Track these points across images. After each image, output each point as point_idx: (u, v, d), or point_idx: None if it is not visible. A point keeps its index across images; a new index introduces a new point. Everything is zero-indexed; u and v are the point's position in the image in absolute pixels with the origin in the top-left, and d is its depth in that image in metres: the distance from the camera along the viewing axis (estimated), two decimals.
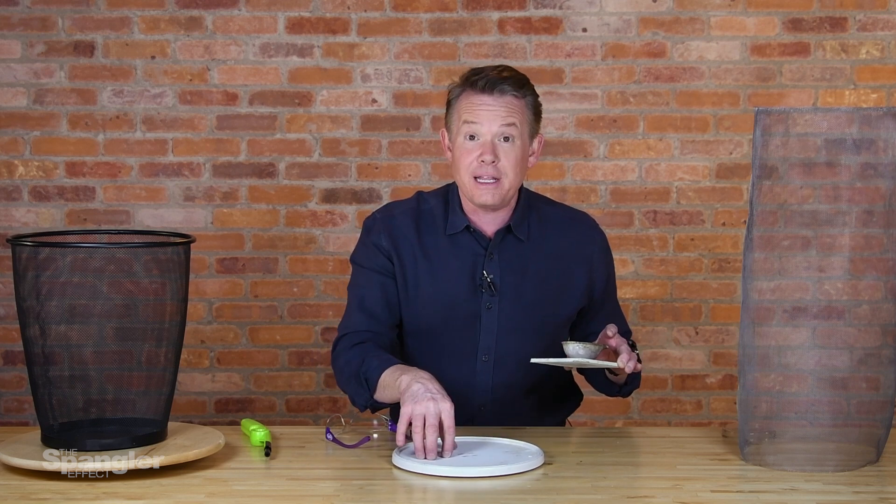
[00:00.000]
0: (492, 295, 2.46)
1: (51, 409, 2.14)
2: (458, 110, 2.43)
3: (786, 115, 2.16)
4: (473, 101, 2.40)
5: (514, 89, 2.40)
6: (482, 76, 2.41)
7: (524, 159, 2.43)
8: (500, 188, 2.41)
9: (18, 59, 3.89)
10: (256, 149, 3.93)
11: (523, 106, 2.42)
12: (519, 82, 2.42)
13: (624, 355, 2.28)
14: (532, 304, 2.47)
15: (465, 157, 2.41)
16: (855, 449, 2.20)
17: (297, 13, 3.90)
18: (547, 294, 2.49)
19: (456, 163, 2.44)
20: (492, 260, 2.47)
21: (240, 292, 3.96)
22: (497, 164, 2.39)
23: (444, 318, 2.47)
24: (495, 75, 2.40)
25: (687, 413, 3.98)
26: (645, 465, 2.24)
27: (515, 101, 2.41)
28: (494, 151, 2.39)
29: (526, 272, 2.48)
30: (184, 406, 3.92)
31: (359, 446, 2.26)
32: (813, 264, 2.22)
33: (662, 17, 3.89)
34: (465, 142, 2.41)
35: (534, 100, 2.45)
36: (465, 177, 2.42)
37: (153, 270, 2.14)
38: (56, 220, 3.92)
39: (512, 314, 2.47)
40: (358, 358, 2.39)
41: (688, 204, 3.93)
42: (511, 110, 2.40)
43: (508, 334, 2.47)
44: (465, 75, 2.44)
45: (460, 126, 2.42)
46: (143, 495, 1.99)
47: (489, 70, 2.42)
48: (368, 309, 2.47)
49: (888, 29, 3.87)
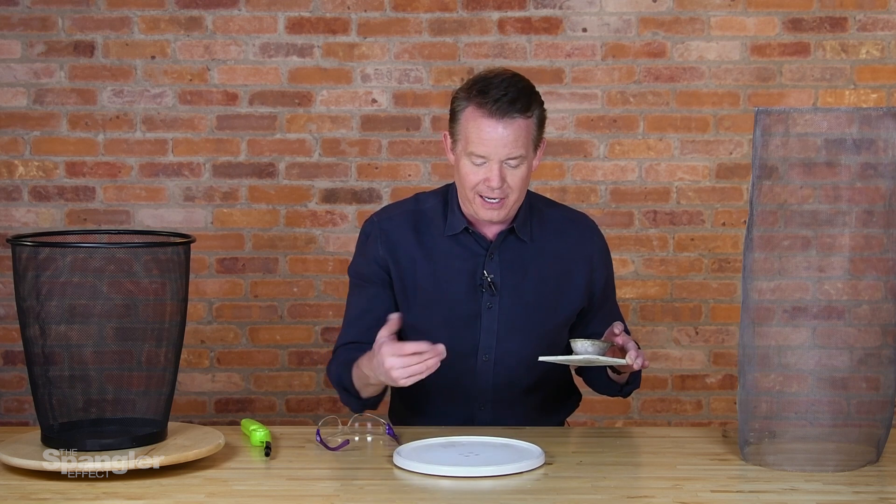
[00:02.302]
0: (492, 295, 2.46)
1: (51, 409, 2.14)
2: (464, 128, 2.36)
3: (786, 115, 2.16)
4: (481, 126, 2.32)
5: (522, 114, 2.33)
6: (489, 99, 2.31)
7: (529, 174, 2.40)
8: (505, 206, 2.39)
9: (18, 59, 3.89)
10: (256, 149, 3.93)
11: (530, 125, 2.36)
12: (527, 103, 2.34)
13: (632, 352, 2.28)
14: (532, 305, 2.48)
15: (471, 177, 2.37)
16: (855, 449, 2.20)
17: (297, 13, 3.90)
18: (547, 294, 2.49)
19: (460, 177, 2.40)
20: (492, 260, 2.47)
21: (240, 292, 3.96)
22: (503, 187, 2.36)
23: (444, 317, 2.47)
24: (504, 100, 2.31)
25: (687, 413, 3.98)
26: (645, 465, 2.24)
27: (524, 122, 2.34)
28: (501, 175, 2.34)
29: (526, 272, 2.48)
30: (184, 406, 3.92)
31: (339, 449, 2.26)
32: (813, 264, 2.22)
33: (662, 17, 3.89)
34: (471, 164, 2.36)
35: (540, 111, 2.39)
36: (470, 193, 2.39)
37: (153, 270, 2.14)
38: (56, 220, 3.92)
39: (512, 314, 2.47)
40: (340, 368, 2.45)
41: (688, 204, 3.93)
42: (519, 136, 2.33)
43: (508, 334, 2.47)
44: (471, 88, 2.36)
45: (466, 146, 2.35)
46: (143, 495, 1.99)
47: (497, 87, 2.32)
48: (362, 323, 2.49)
49: (888, 29, 3.87)
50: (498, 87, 2.33)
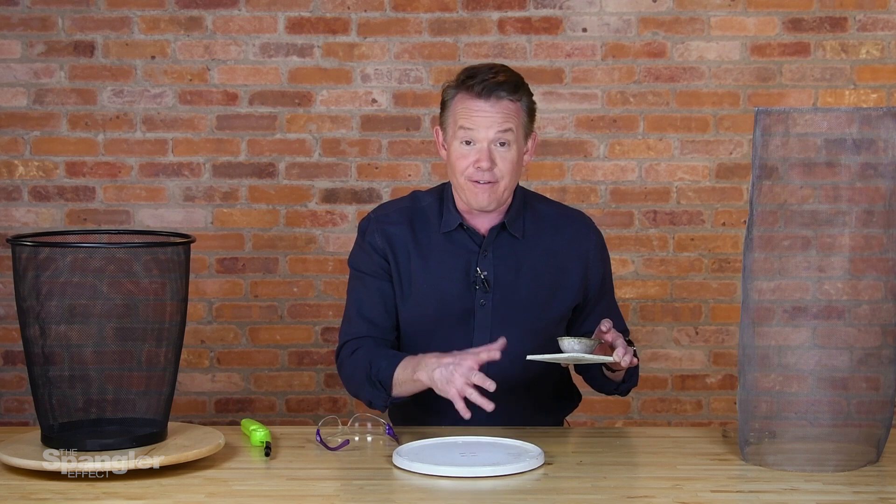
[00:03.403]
0: (485, 292, 2.47)
1: (51, 409, 2.14)
2: (453, 113, 2.43)
3: (786, 115, 2.16)
4: (469, 107, 2.39)
5: (509, 94, 2.39)
6: (477, 80, 2.39)
7: (519, 161, 2.44)
8: (495, 191, 2.42)
9: (18, 59, 3.89)
10: (256, 149, 3.93)
11: (518, 109, 2.42)
12: (514, 85, 2.41)
13: (619, 349, 2.27)
14: (526, 301, 2.48)
15: (461, 161, 2.42)
16: (855, 449, 2.20)
17: (297, 13, 3.90)
18: (541, 291, 2.49)
19: (451, 165, 2.45)
20: (486, 257, 2.48)
21: (240, 292, 3.96)
22: (493, 169, 2.40)
23: (438, 314, 2.47)
24: (491, 80, 2.39)
25: (687, 413, 3.98)
26: (645, 465, 2.24)
27: (511, 104, 2.40)
28: (490, 157, 2.39)
29: (520, 269, 2.49)
30: (184, 406, 3.92)
31: (338, 449, 2.26)
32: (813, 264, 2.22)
33: (662, 17, 3.89)
34: (461, 146, 2.41)
35: (528, 100, 2.45)
36: (461, 179, 2.43)
37: (153, 270, 2.14)
38: (56, 220, 3.92)
39: (505, 311, 2.47)
40: (365, 362, 2.42)
41: (688, 204, 3.93)
42: (507, 116, 2.39)
43: (502, 331, 2.45)
44: (459, 76, 2.43)
45: (456, 130, 2.41)
46: (143, 495, 1.99)
47: (484, 72, 2.40)
48: (367, 315, 2.50)
49: (888, 29, 3.87)
50: (485, 72, 2.41)
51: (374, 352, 2.43)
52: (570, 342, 2.27)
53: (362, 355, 2.44)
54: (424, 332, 2.50)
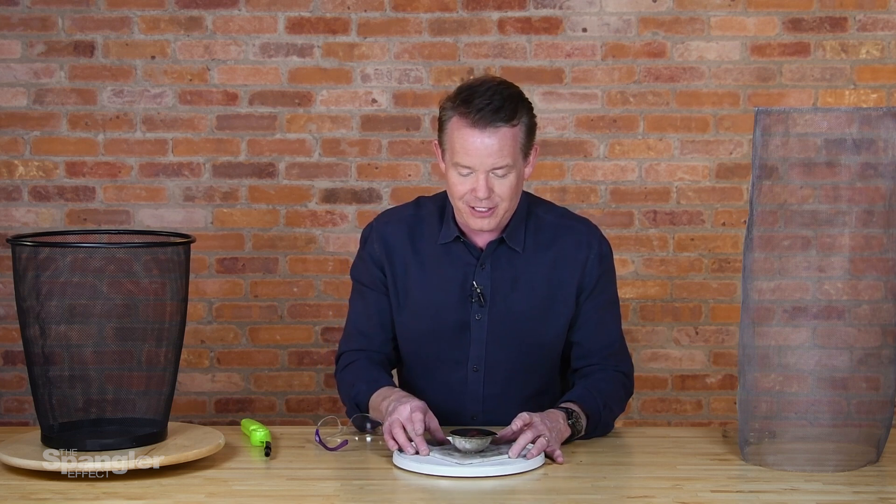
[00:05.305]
0: (481, 306, 2.43)
1: (51, 409, 2.14)
2: (450, 137, 2.33)
3: (786, 115, 2.16)
4: (466, 137, 2.29)
5: (507, 122, 2.29)
6: (473, 108, 2.27)
7: (519, 183, 2.36)
8: (495, 216, 2.36)
9: (18, 59, 3.89)
10: (256, 149, 3.93)
11: (517, 133, 2.31)
12: (513, 111, 2.29)
13: (515, 446, 2.14)
14: (520, 316, 2.44)
15: (459, 188, 2.34)
16: (855, 449, 2.20)
17: (297, 13, 3.90)
18: (536, 307, 2.44)
19: (449, 186, 2.37)
20: (483, 270, 2.44)
21: (240, 292, 3.96)
22: (492, 196, 2.32)
23: (434, 326, 2.45)
24: (488, 109, 2.27)
25: (687, 413, 3.98)
26: (645, 465, 2.24)
27: (509, 131, 2.29)
28: (488, 185, 2.30)
29: (517, 283, 2.44)
30: (184, 406, 3.92)
31: (338, 449, 2.26)
32: (813, 264, 2.22)
33: (662, 17, 3.89)
34: (458, 175, 2.33)
35: (528, 119, 2.34)
36: (459, 203, 2.36)
37: (153, 270, 2.14)
38: (56, 220, 3.92)
39: (500, 326, 2.44)
40: (351, 380, 2.44)
41: (688, 204, 3.93)
42: (504, 145, 2.29)
43: (497, 345, 2.44)
44: (456, 97, 2.32)
45: (453, 156, 2.32)
46: (143, 495, 1.99)
47: (480, 96, 2.28)
48: (363, 330, 2.50)
49: (888, 29, 3.87)
50: (482, 95, 2.29)
51: (361, 372, 2.43)
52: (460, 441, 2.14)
53: (350, 373, 2.45)
54: (421, 343, 2.48)
